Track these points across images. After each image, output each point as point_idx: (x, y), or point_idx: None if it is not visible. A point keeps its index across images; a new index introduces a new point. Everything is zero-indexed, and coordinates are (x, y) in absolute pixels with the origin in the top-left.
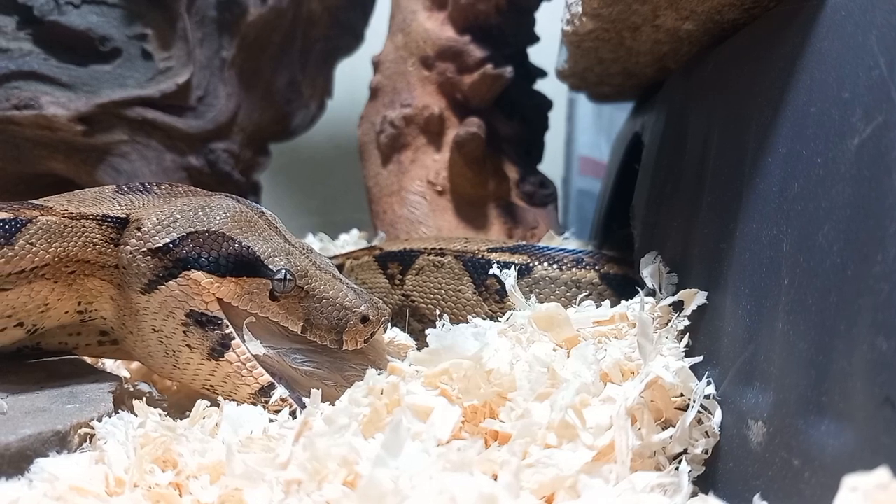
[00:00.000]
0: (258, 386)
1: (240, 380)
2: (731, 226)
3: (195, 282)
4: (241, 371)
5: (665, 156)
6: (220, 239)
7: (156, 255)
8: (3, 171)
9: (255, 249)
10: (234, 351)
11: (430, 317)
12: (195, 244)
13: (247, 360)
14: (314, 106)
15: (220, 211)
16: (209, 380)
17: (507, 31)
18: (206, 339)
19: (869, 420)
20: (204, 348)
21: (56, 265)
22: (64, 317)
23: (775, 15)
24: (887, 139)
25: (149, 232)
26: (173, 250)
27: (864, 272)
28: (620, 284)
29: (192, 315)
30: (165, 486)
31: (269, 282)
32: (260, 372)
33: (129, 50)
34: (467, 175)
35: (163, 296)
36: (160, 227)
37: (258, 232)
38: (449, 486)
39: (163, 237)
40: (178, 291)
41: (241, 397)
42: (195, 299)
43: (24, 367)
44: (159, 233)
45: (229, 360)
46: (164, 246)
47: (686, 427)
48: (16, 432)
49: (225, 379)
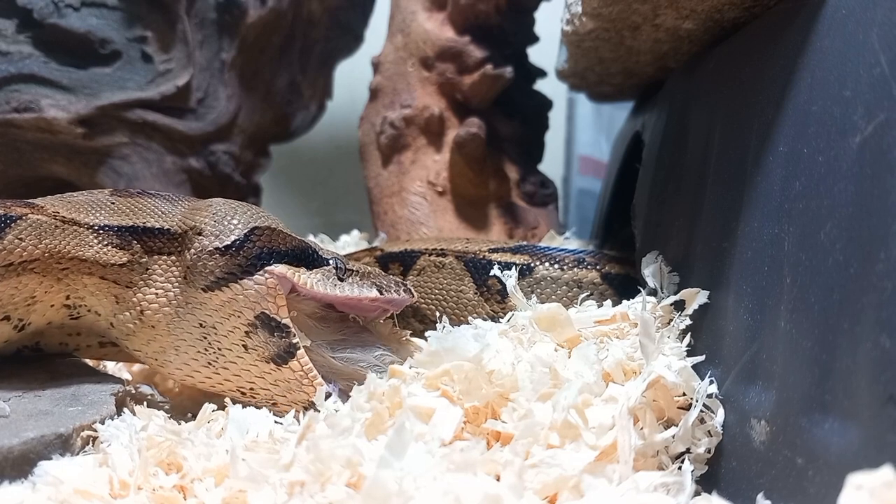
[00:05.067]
0: (315, 394)
1: (299, 387)
2: (732, 224)
3: (278, 278)
4: (302, 380)
5: (666, 155)
6: (281, 234)
7: (226, 252)
8: (3, 174)
9: (307, 242)
10: (299, 360)
11: (431, 317)
12: (264, 239)
13: (309, 369)
14: (314, 107)
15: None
16: (252, 383)
17: (507, 31)
18: (271, 345)
19: (873, 418)
20: (266, 352)
21: (46, 261)
22: (50, 311)
23: (776, 13)
24: (889, 137)
25: (212, 232)
26: (245, 247)
27: (867, 270)
28: (622, 284)
29: (262, 318)
30: (170, 489)
31: (330, 269)
32: (320, 381)
33: (129, 52)
34: (468, 175)
35: (232, 294)
36: (221, 226)
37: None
38: (453, 486)
39: (228, 235)
40: (251, 291)
41: (290, 402)
42: (268, 302)
43: (25, 369)
44: (223, 231)
45: (292, 368)
46: (233, 243)
47: (689, 426)
48: (18, 435)
49: (276, 383)
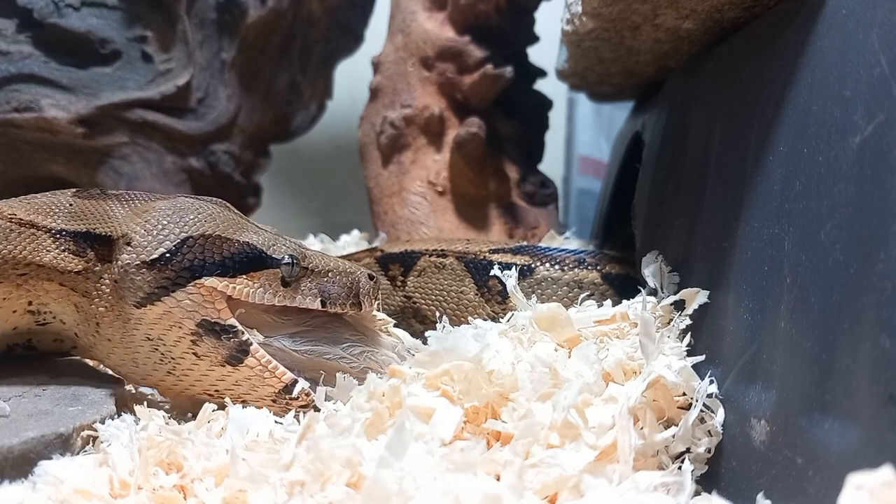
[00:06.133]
0: (282, 384)
1: (261, 382)
2: (732, 224)
3: (209, 289)
4: (262, 374)
5: (666, 155)
6: (217, 241)
7: (153, 267)
8: (3, 174)
9: (254, 243)
10: (254, 356)
11: (431, 318)
12: (196, 250)
13: (267, 362)
14: (314, 107)
15: (201, 213)
16: (215, 385)
17: (507, 31)
18: (221, 348)
19: (873, 418)
20: (218, 356)
21: (2, 266)
22: (13, 317)
23: (776, 13)
24: (889, 137)
25: (140, 244)
26: (173, 260)
27: (867, 270)
28: (623, 284)
29: (204, 325)
30: (170, 489)
31: (277, 270)
32: (282, 371)
33: (129, 52)
34: (468, 175)
35: (166, 307)
36: (150, 237)
37: (243, 226)
38: (453, 486)
39: (156, 248)
40: (187, 302)
41: (257, 397)
42: (207, 308)
43: (26, 369)
44: (151, 244)
45: (249, 365)
46: (161, 257)
47: (689, 426)
48: (18, 435)
49: (239, 383)
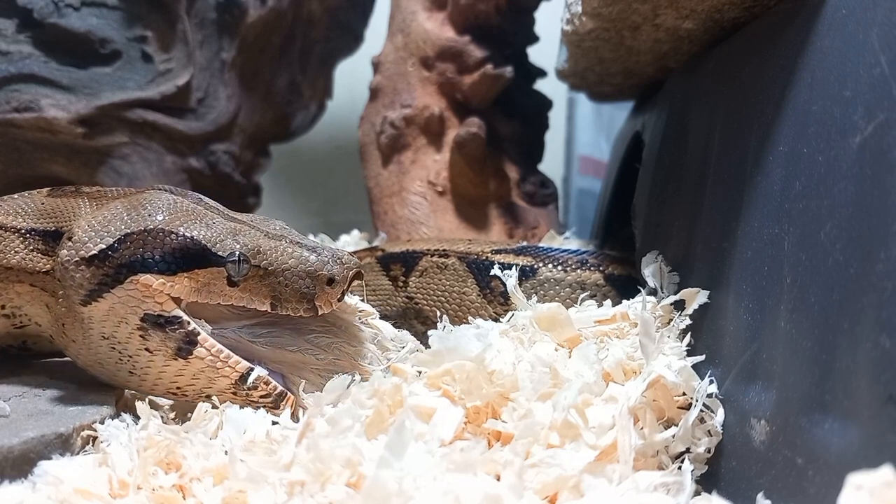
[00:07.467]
0: (237, 374)
1: (215, 373)
2: (732, 224)
3: (145, 286)
4: (215, 364)
5: (666, 155)
6: (160, 235)
7: (91, 263)
8: (3, 174)
9: (199, 238)
10: (203, 346)
11: (433, 319)
12: (135, 246)
13: (218, 351)
14: (314, 107)
15: (154, 206)
16: (175, 381)
17: (507, 31)
18: (169, 340)
19: (873, 418)
20: (168, 350)
21: None
22: None
23: (776, 13)
24: (889, 137)
25: (80, 240)
26: (111, 256)
27: (867, 270)
28: (625, 285)
29: (148, 318)
30: (169, 489)
31: (222, 269)
32: (236, 360)
33: (129, 52)
34: (468, 175)
35: (109, 304)
36: (92, 233)
37: (198, 219)
38: (453, 486)
39: (96, 244)
40: (126, 297)
41: (217, 391)
42: (147, 302)
43: (25, 369)
44: (91, 239)
45: (199, 356)
46: (100, 253)
47: (689, 426)
48: (18, 435)
49: (196, 376)
